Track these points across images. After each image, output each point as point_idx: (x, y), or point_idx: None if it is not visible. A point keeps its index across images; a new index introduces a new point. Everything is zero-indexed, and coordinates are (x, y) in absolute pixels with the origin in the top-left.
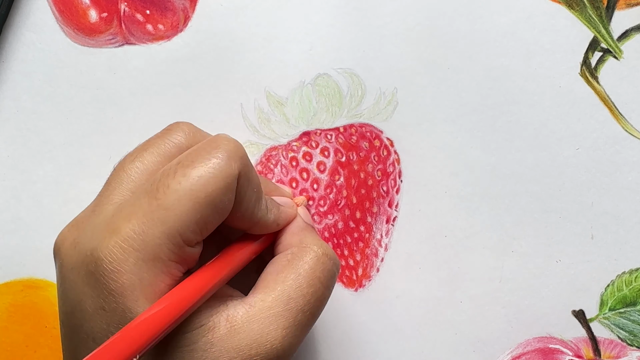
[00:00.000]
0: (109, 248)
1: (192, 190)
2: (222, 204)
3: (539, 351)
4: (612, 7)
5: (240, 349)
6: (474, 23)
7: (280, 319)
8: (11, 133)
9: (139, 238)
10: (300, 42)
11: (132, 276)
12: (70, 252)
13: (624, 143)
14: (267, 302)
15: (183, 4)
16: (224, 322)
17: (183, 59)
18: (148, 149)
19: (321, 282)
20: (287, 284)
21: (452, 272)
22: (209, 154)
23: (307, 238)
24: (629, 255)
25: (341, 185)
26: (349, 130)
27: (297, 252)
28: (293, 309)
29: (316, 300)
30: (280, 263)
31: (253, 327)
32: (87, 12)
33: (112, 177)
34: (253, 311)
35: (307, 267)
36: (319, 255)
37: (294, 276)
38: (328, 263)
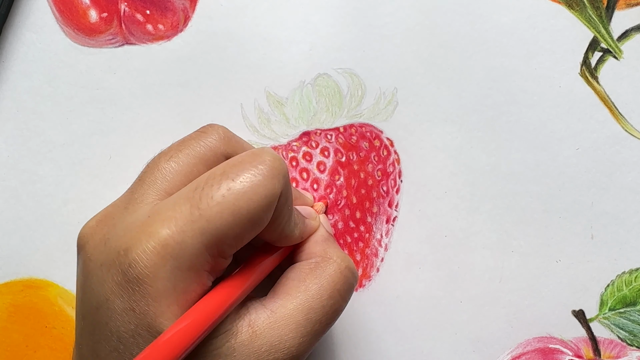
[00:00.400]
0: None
1: (235, 205)
2: (261, 221)
3: (539, 351)
4: (612, 7)
5: (260, 354)
6: (474, 23)
7: (299, 327)
8: (11, 133)
9: (177, 246)
10: (300, 42)
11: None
12: (100, 247)
13: (624, 143)
14: (288, 309)
15: (183, 4)
16: (246, 327)
17: (183, 59)
18: (183, 150)
19: (341, 295)
20: (309, 294)
21: (452, 272)
22: (254, 168)
23: (330, 249)
24: (629, 255)
25: (341, 185)
26: (349, 130)
27: (321, 262)
28: (312, 319)
29: (334, 312)
30: (303, 271)
31: (273, 333)
32: (87, 12)
33: (145, 174)
34: (274, 317)
35: (330, 279)
36: (342, 268)
37: (316, 287)
38: (350, 276)
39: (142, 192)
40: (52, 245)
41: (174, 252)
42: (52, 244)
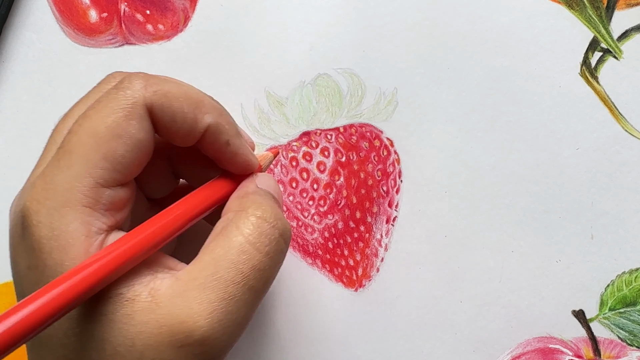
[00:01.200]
0: (27, 203)
1: (92, 127)
2: (128, 133)
3: (539, 351)
4: (612, 7)
5: (161, 325)
6: (474, 23)
7: (205, 291)
8: (11, 133)
9: (49, 187)
10: (300, 42)
11: (44, 227)
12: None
13: (624, 143)
14: (192, 273)
15: (183, 4)
16: (145, 294)
17: (183, 59)
18: (79, 105)
19: (256, 248)
20: (216, 252)
21: (452, 272)
22: (107, 92)
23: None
24: (629, 255)
25: (341, 185)
26: (349, 130)
27: (233, 217)
28: (221, 280)
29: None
30: (215, 232)
31: (176, 301)
32: (87, 12)
33: (48, 140)
34: (178, 284)
35: (238, 233)
36: (253, 219)
37: (223, 243)
38: (266, 227)
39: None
40: None
41: (47, 194)
42: None
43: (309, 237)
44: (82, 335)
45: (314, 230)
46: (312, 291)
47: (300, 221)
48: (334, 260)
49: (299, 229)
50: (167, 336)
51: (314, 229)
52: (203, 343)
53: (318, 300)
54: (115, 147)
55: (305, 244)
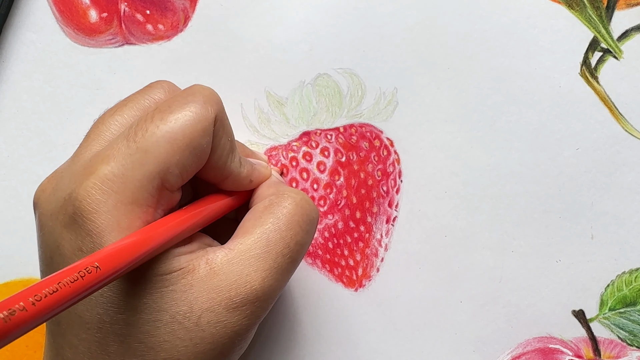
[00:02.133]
0: (87, 189)
1: (170, 133)
2: (200, 147)
3: (539, 351)
4: (612, 7)
5: (220, 290)
6: (474, 23)
7: (259, 261)
8: (11, 133)
9: (118, 180)
10: (300, 42)
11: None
12: (49, 199)
13: (624, 143)
14: (245, 245)
15: (183, 4)
16: (203, 264)
17: (183, 59)
18: (128, 104)
19: (300, 226)
20: (266, 227)
21: (452, 272)
22: (185, 99)
23: (284, 187)
24: (629, 255)
25: (341, 185)
26: (349, 130)
27: (275, 198)
28: (272, 252)
29: (296, 244)
30: (258, 210)
31: (232, 269)
32: (87, 12)
33: (91, 130)
34: (232, 254)
35: (286, 212)
36: (297, 200)
37: (273, 219)
38: (307, 208)
39: (87, 145)
40: None
41: (114, 186)
42: None
43: None
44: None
45: None
46: (312, 291)
47: None
48: (334, 260)
49: None
50: (224, 299)
51: None
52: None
53: (318, 300)
54: (187, 157)
55: None
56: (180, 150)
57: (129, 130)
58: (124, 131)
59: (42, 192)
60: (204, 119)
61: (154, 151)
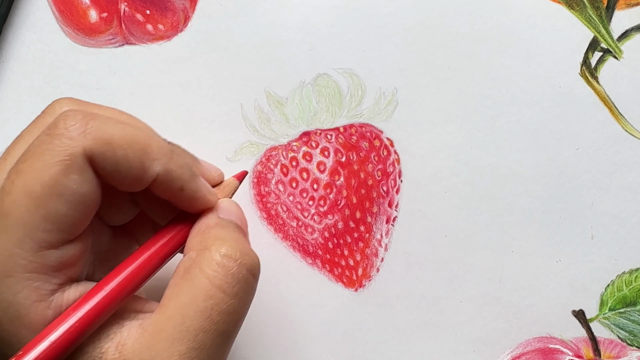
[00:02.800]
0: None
1: (26, 185)
2: (69, 190)
3: (539, 351)
4: (612, 7)
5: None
6: (474, 23)
7: (174, 344)
8: (11, 133)
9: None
10: (300, 42)
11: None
12: None
13: (624, 143)
14: (159, 324)
15: (183, 4)
16: (112, 350)
17: (183, 59)
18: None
19: (224, 291)
20: (180, 300)
21: (452, 272)
22: (39, 141)
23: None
24: (629, 255)
25: (341, 185)
26: (349, 130)
27: (195, 257)
28: (190, 329)
29: (221, 314)
30: (178, 274)
31: (143, 356)
32: (87, 12)
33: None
34: (145, 337)
35: (203, 276)
36: (218, 258)
37: (188, 289)
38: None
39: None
40: None
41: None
42: None
43: (309, 237)
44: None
45: (314, 230)
46: (312, 291)
47: (300, 221)
48: (334, 260)
49: (299, 229)
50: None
51: (314, 229)
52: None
53: (318, 300)
54: (56, 207)
55: (305, 244)
56: (44, 203)
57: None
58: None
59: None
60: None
61: (14, 212)
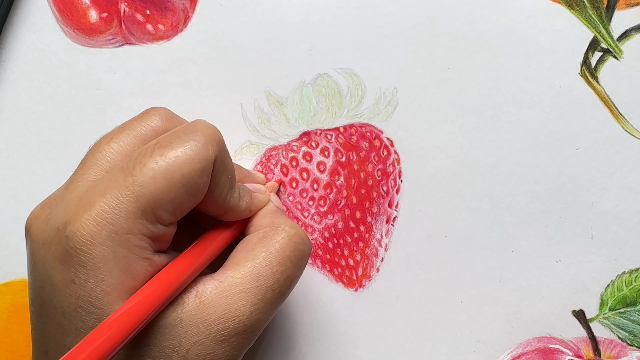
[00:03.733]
0: (82, 221)
1: (168, 170)
2: (197, 185)
3: (539, 351)
4: (612, 7)
5: (209, 324)
6: (474, 23)
7: (248, 295)
8: (11, 133)
9: (112, 212)
10: (300, 42)
11: (105, 249)
12: (42, 227)
13: (624, 143)
14: (236, 278)
15: (183, 4)
16: (193, 297)
17: (183, 59)
18: (124, 131)
19: (292, 261)
20: (257, 262)
21: (452, 272)
22: (187, 136)
23: (278, 219)
24: (629, 255)
25: (341, 185)
26: (349, 130)
27: (269, 231)
28: (262, 286)
29: (286, 279)
30: (251, 242)
31: (222, 302)
32: (87, 12)
33: (86, 157)
34: (222, 287)
35: (278, 246)
36: (291, 234)
37: (264, 254)
38: (300, 243)
39: (82, 173)
40: None
41: (109, 218)
42: None
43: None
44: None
45: (314, 230)
46: (312, 291)
47: (300, 221)
48: (334, 260)
49: None
50: (212, 332)
51: (314, 229)
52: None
53: (318, 300)
54: (183, 196)
55: None
56: (177, 188)
57: (128, 163)
58: (123, 163)
59: (35, 219)
60: (204, 159)
61: (150, 186)
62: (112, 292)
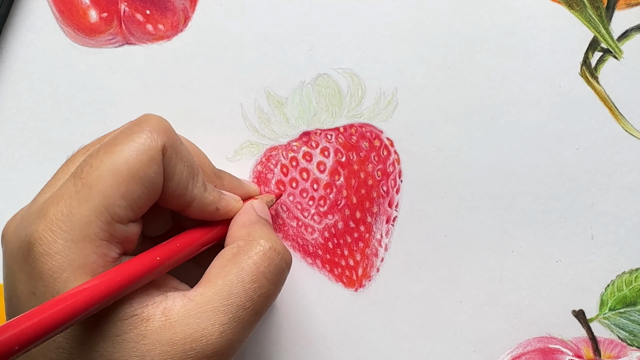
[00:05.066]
0: (39, 231)
1: (114, 165)
2: (148, 176)
3: (539, 351)
4: (612, 7)
5: (174, 343)
6: (474, 23)
7: (218, 315)
8: (11, 133)
9: (66, 219)
10: (300, 42)
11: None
12: (11, 239)
13: (624, 143)
14: (206, 296)
15: (183, 4)
16: (159, 314)
17: (183, 59)
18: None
19: (266, 277)
20: (229, 279)
21: (452, 272)
22: (130, 130)
23: (255, 231)
24: (629, 255)
25: (341, 185)
26: (349, 130)
27: (243, 245)
28: (233, 304)
29: (260, 297)
30: (225, 257)
31: (189, 321)
32: (87, 12)
33: (59, 169)
34: (191, 305)
35: (251, 262)
36: (266, 249)
37: (236, 270)
38: (275, 258)
39: (51, 184)
40: None
41: (63, 226)
42: None
43: (309, 237)
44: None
45: (314, 230)
46: (312, 291)
47: (300, 221)
48: (334, 260)
49: (299, 229)
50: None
51: (314, 229)
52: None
53: (318, 300)
54: (134, 188)
55: (305, 244)
56: (126, 182)
57: (77, 168)
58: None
59: (7, 229)
60: (150, 149)
61: (99, 185)
62: None
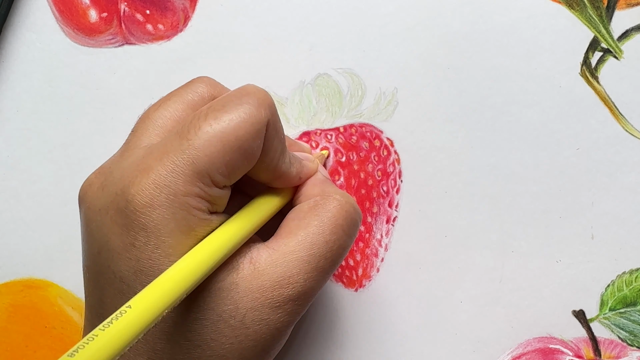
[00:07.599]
0: (142, 185)
1: (223, 133)
2: (251, 149)
3: (539, 351)
4: (612, 7)
5: (264, 290)
6: (474, 23)
7: (302, 264)
8: (11, 133)
9: (170, 176)
10: (300, 42)
11: (164, 211)
12: (98, 194)
13: (624, 143)
14: (290, 246)
15: (183, 4)
16: (247, 263)
17: (183, 59)
18: (172, 98)
19: (344, 230)
20: (310, 230)
21: (452, 272)
22: (239, 99)
23: (328, 188)
24: (629, 255)
25: (341, 185)
26: (349, 130)
27: (320, 200)
28: (316, 254)
29: (338, 248)
30: (303, 210)
31: (276, 269)
32: (87, 12)
33: (137, 125)
34: (276, 255)
35: (330, 215)
36: (342, 203)
37: (317, 222)
38: (351, 211)
39: (135, 140)
40: (52, 245)
41: (167, 182)
42: (52, 244)
43: None
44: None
45: None
46: None
47: None
48: None
49: None
50: (268, 298)
51: None
52: (297, 302)
53: (318, 300)
54: (237, 159)
55: None
56: (231, 151)
57: (182, 128)
58: (177, 128)
59: (89, 187)
60: (257, 122)
61: (206, 149)
62: (173, 254)
